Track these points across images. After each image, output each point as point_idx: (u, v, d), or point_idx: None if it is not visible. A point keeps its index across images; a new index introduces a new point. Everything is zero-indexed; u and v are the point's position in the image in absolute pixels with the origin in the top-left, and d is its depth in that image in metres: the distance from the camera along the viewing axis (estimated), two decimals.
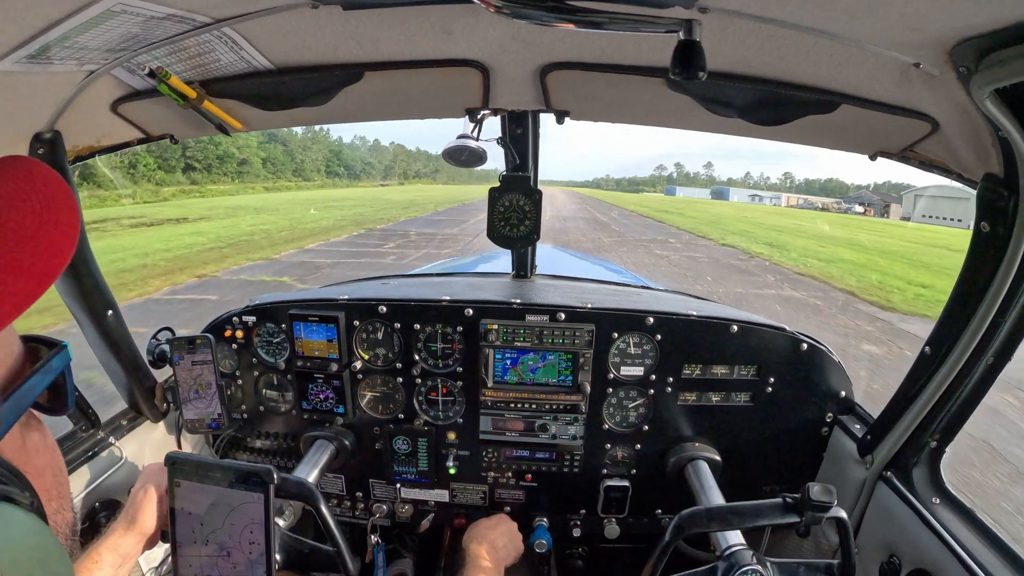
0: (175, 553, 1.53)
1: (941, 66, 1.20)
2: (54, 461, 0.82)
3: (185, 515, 1.53)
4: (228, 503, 1.50)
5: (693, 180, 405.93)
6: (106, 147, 1.89)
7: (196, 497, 1.52)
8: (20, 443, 0.74)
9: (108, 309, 2.01)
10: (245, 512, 1.49)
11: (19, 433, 0.75)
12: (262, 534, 1.47)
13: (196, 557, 1.51)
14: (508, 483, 2.54)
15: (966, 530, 1.72)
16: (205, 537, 1.51)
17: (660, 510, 2.54)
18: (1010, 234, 1.41)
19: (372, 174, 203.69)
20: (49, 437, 0.82)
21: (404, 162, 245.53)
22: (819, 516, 1.57)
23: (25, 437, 0.76)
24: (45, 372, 0.76)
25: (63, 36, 1.17)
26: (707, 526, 1.66)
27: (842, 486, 2.17)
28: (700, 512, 1.68)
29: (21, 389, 0.72)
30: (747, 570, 1.60)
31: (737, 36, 1.34)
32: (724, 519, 1.66)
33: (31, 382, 0.73)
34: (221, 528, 1.50)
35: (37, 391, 0.75)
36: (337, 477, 2.60)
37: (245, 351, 2.47)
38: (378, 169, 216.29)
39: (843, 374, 2.32)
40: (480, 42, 1.52)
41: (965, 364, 1.65)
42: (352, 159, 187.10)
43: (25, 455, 0.74)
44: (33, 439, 0.78)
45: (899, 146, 1.69)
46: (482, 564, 2.02)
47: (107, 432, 2.16)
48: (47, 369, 0.76)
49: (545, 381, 2.33)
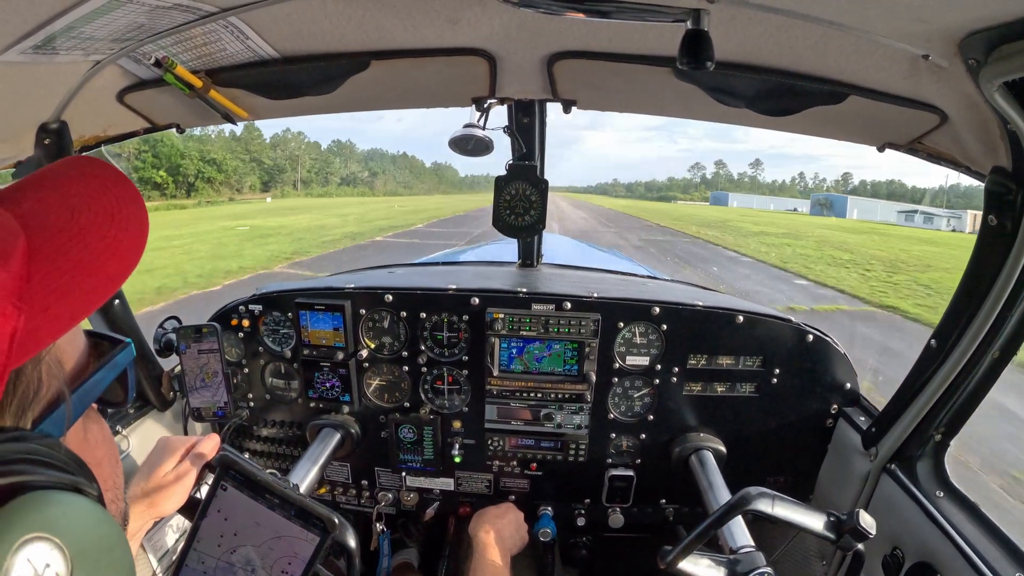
0: (188, 545, 1.45)
1: (950, 58, 1.19)
2: (110, 452, 0.84)
3: (219, 518, 1.45)
4: (275, 528, 1.43)
5: (738, 184, 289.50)
6: (112, 137, 1.89)
7: (239, 507, 1.45)
8: (82, 435, 0.76)
9: (115, 299, 2.02)
10: (291, 544, 1.42)
11: (81, 426, 0.76)
12: (300, 571, 1.40)
13: (212, 559, 1.44)
14: (513, 472, 2.55)
15: (969, 524, 1.72)
16: (232, 546, 1.44)
17: (664, 500, 2.54)
18: (1018, 227, 1.41)
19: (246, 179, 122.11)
20: (106, 429, 0.84)
21: (318, 162, 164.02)
22: (854, 544, 1.56)
23: (87, 429, 0.78)
24: (111, 368, 0.79)
25: (69, 26, 1.17)
26: (771, 507, 1.60)
27: (846, 478, 2.17)
28: (768, 492, 1.63)
29: (88, 383, 0.74)
30: (763, 572, 1.59)
31: (745, 26, 1.33)
32: (786, 506, 1.60)
33: (97, 377, 0.76)
34: (257, 546, 1.43)
35: (103, 386, 0.78)
36: (343, 465, 2.62)
37: (251, 340, 2.49)
38: (268, 171, 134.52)
39: (848, 366, 2.31)
40: (487, 31, 1.52)
41: (971, 358, 1.64)
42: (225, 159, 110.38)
43: (87, 446, 0.76)
44: (93, 431, 0.80)
45: (907, 138, 1.68)
46: (489, 552, 2.04)
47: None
48: (113, 365, 0.79)
49: (551, 370, 2.33)
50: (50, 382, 0.68)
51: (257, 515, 1.43)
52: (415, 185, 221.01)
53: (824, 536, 1.59)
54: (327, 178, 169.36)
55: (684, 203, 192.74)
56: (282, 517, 1.42)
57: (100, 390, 0.77)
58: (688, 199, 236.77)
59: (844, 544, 1.57)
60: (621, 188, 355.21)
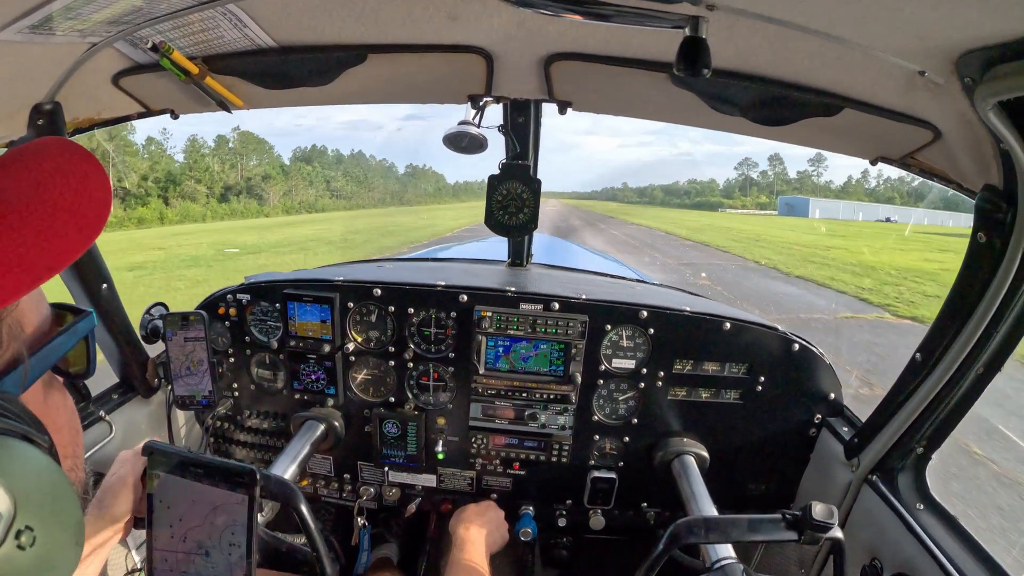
0: (151, 548, 1.47)
1: (946, 75, 1.20)
2: (72, 422, 0.88)
3: (163, 509, 1.46)
4: (209, 501, 1.43)
5: (800, 186, 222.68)
6: (106, 120, 1.88)
7: (175, 491, 1.46)
8: (42, 399, 0.81)
9: (103, 283, 2.01)
10: (226, 512, 1.43)
11: (41, 389, 0.81)
12: (243, 536, 1.41)
13: (173, 553, 1.45)
14: (496, 470, 2.55)
15: (948, 537, 1.74)
16: (183, 534, 1.45)
17: (646, 503, 2.55)
18: (1007, 245, 1.42)
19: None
20: (69, 400, 0.89)
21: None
22: (818, 536, 1.56)
23: (47, 395, 0.83)
24: (71, 334, 0.83)
25: (66, 7, 1.16)
26: (704, 537, 1.62)
27: (827, 488, 2.18)
28: (697, 522, 1.64)
29: (47, 347, 0.79)
30: None
31: (743, 35, 1.34)
32: (722, 531, 1.62)
33: (57, 341, 0.80)
34: (201, 526, 1.44)
35: (62, 351, 0.82)
36: (326, 458, 2.61)
37: (238, 329, 2.48)
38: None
39: (833, 376, 2.33)
40: (485, 29, 1.52)
41: (955, 372, 1.66)
42: None
43: (46, 410, 0.80)
44: (54, 398, 0.85)
45: (900, 152, 1.69)
46: (468, 549, 2.04)
47: (97, 406, 2.16)
48: (73, 331, 0.84)
49: (537, 370, 2.34)
50: (10, 343, 0.73)
51: (191, 492, 1.44)
52: (359, 194, 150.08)
53: (785, 539, 1.59)
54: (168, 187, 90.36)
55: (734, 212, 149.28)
56: (210, 486, 1.43)
57: (59, 355, 0.82)
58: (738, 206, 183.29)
59: (808, 540, 1.57)
60: (632, 193, 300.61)
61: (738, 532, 1.61)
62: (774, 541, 1.62)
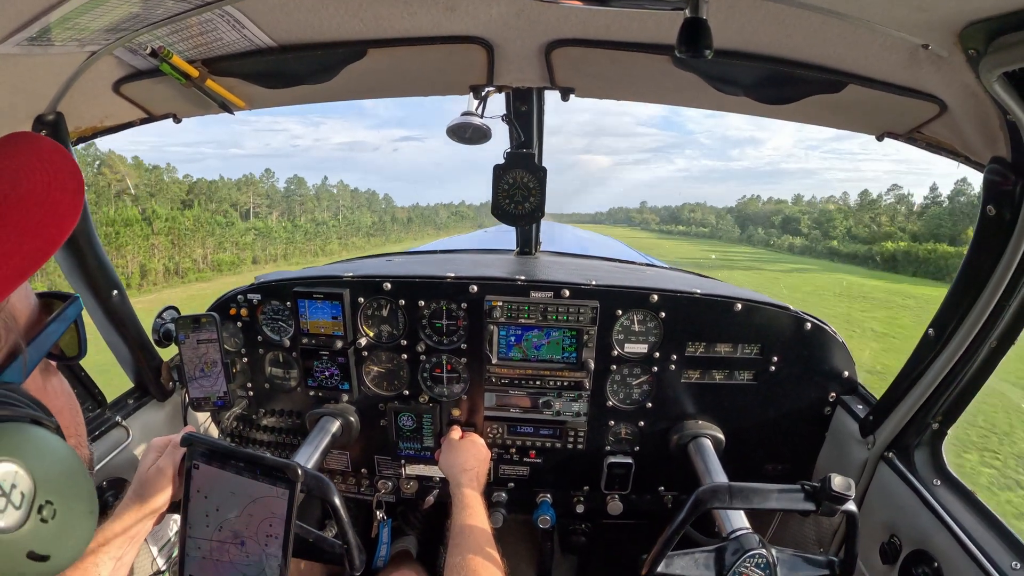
0: (184, 535, 1.52)
1: (950, 48, 1.19)
2: (71, 403, 0.94)
3: (200, 498, 1.51)
4: (248, 494, 1.48)
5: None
6: (109, 127, 1.88)
7: (214, 482, 1.50)
8: (42, 385, 0.87)
9: (113, 289, 2.02)
10: (266, 505, 1.47)
11: (40, 376, 0.87)
12: (282, 528, 1.46)
13: (207, 541, 1.50)
14: (512, 459, 2.56)
15: (966, 512, 1.73)
16: (219, 523, 1.49)
17: (663, 487, 2.56)
18: (1016, 217, 1.40)
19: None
20: (65, 383, 0.94)
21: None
22: (835, 508, 1.58)
23: (46, 380, 0.89)
24: (62, 320, 0.89)
25: (63, 17, 1.17)
26: (728, 502, 1.66)
27: (844, 466, 2.18)
28: (722, 487, 1.68)
29: (42, 335, 0.84)
30: (754, 554, 1.61)
31: (744, 14, 1.33)
32: (745, 497, 1.66)
33: (50, 328, 0.86)
34: (238, 517, 1.48)
35: (55, 336, 0.88)
36: (342, 454, 2.63)
37: (250, 329, 2.49)
38: None
39: (846, 354, 2.32)
40: (484, 18, 1.51)
41: (969, 347, 1.65)
42: None
43: (47, 395, 0.86)
44: (53, 383, 0.91)
45: (906, 127, 1.67)
46: (464, 493, 2.05)
47: (113, 411, 2.18)
48: (63, 317, 0.89)
49: (549, 358, 2.34)
50: (7, 335, 0.78)
51: (230, 484, 1.49)
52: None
53: (803, 510, 1.63)
54: None
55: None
56: (251, 479, 1.48)
57: (53, 340, 0.87)
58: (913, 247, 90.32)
59: (826, 511, 1.61)
60: (652, 215, 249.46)
61: (760, 499, 1.65)
62: (793, 511, 1.65)
